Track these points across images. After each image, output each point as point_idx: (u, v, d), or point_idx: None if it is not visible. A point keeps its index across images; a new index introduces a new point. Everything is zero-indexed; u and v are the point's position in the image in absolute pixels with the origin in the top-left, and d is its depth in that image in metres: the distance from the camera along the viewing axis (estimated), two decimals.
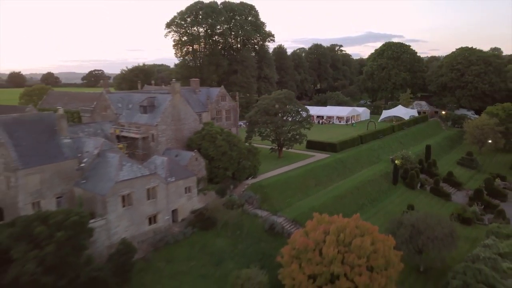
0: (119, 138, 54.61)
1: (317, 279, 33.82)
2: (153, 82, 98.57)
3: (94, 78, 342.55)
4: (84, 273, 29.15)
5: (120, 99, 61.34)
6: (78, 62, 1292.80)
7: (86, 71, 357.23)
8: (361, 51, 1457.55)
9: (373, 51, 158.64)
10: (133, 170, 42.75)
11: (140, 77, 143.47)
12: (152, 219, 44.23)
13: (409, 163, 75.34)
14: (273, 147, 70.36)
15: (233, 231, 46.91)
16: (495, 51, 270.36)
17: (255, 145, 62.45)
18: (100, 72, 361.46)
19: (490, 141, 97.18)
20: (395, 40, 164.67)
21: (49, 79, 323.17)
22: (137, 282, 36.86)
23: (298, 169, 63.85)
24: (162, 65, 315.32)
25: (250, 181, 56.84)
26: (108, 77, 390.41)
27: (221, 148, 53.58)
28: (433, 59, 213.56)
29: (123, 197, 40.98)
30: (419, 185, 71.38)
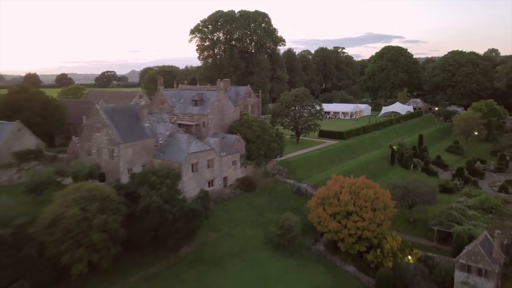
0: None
1: (336, 216, 48.17)
2: (186, 82, 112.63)
3: (107, 78, 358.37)
4: (186, 206, 43.61)
5: (173, 95, 75.91)
6: (78, 63, 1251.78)
7: (86, 72, 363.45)
8: (361, 51, 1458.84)
9: (373, 52, 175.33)
10: (198, 145, 57.35)
11: (166, 77, 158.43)
12: (210, 183, 58.68)
13: (404, 148, 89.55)
14: (293, 134, 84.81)
15: (269, 193, 61.39)
16: (492, 53, 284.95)
17: None
18: (112, 73, 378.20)
19: (476, 133, 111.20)
20: (395, 40, 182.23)
21: (63, 80, 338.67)
22: (207, 223, 51.24)
23: (314, 151, 78.45)
24: (172, 66, 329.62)
25: (278, 159, 71.29)
26: (120, 77, 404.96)
27: (257, 132, 68.06)
28: (430, 60, 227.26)
29: (192, 165, 55.51)
30: (412, 165, 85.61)
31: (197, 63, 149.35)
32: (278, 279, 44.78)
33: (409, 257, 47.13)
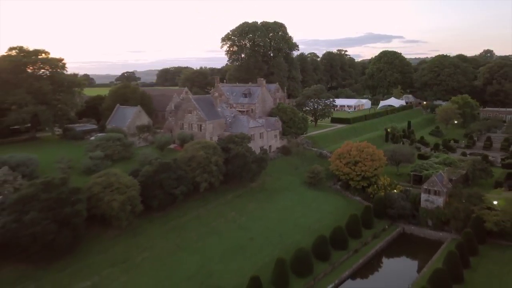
0: None
1: (348, 164, 73.98)
2: (225, 80, 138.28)
3: (126, 79, 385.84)
4: (257, 155, 69.54)
5: (227, 90, 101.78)
6: (78, 63, 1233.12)
7: (88, 72, 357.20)
8: (362, 51, 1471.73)
9: (373, 51, 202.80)
10: (254, 123, 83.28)
11: (200, 77, 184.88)
12: (261, 148, 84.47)
13: (396, 131, 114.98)
14: (312, 119, 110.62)
15: (300, 156, 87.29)
16: (487, 53, 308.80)
17: None
18: (132, 73, 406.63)
19: (456, 122, 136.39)
20: (395, 41, 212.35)
21: (86, 80, 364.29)
22: (264, 171, 76.82)
23: (329, 131, 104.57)
24: (187, 67, 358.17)
25: (304, 135, 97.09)
26: (139, 77, 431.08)
27: (289, 116, 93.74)
28: (423, 62, 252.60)
29: (251, 135, 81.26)
30: (401, 143, 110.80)
31: (204, 63, 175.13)
32: (313, 201, 70.77)
33: (395, 190, 72.81)
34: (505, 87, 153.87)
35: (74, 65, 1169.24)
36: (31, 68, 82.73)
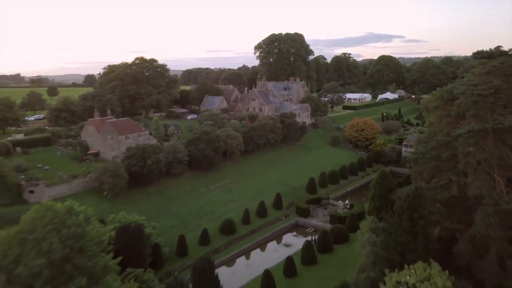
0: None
1: (357, 131, 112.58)
2: (263, 78, 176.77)
3: None
4: (300, 125, 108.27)
5: (271, 85, 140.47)
6: (80, 64, 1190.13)
7: (90, 73, 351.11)
8: (362, 51, 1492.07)
9: (373, 51, 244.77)
10: (294, 107, 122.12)
11: (237, 77, 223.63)
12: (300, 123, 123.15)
13: (389, 115, 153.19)
14: (330, 106, 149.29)
15: (324, 128, 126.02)
16: None
17: None
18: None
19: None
20: (396, 40, 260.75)
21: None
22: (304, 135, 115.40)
23: (343, 113, 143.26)
24: (207, 68, 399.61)
25: (326, 116, 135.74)
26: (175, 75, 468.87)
27: (315, 103, 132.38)
28: (415, 63, 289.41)
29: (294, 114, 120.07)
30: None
31: (204, 63, 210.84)
32: (335, 153, 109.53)
33: (386, 147, 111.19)
34: None
35: (77, 65, 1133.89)
36: (150, 71, 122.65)
